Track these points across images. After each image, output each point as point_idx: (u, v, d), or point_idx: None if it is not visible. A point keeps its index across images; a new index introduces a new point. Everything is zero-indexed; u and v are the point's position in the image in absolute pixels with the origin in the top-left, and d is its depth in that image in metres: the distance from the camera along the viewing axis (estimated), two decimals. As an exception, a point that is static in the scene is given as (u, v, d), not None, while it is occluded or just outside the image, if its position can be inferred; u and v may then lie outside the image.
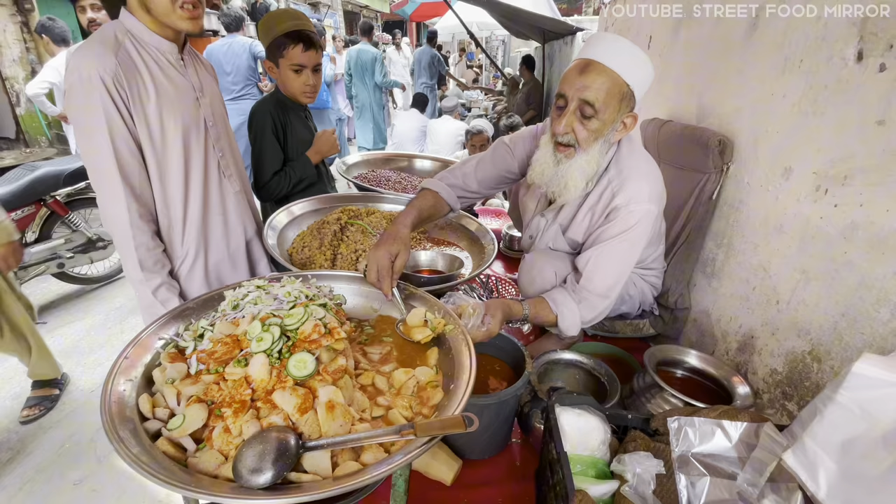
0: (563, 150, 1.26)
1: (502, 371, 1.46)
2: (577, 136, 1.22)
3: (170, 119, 1.20)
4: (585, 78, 1.17)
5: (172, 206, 1.27)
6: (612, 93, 1.17)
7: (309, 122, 1.93)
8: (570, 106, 1.20)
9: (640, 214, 1.26)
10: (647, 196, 1.26)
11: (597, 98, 1.16)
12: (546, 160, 1.30)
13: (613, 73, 1.15)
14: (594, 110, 1.17)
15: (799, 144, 1.17)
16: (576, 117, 1.20)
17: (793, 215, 1.18)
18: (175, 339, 0.94)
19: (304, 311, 0.82)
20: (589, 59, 1.18)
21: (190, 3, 1.12)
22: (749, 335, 1.36)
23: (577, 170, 1.25)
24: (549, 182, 1.31)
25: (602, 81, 1.16)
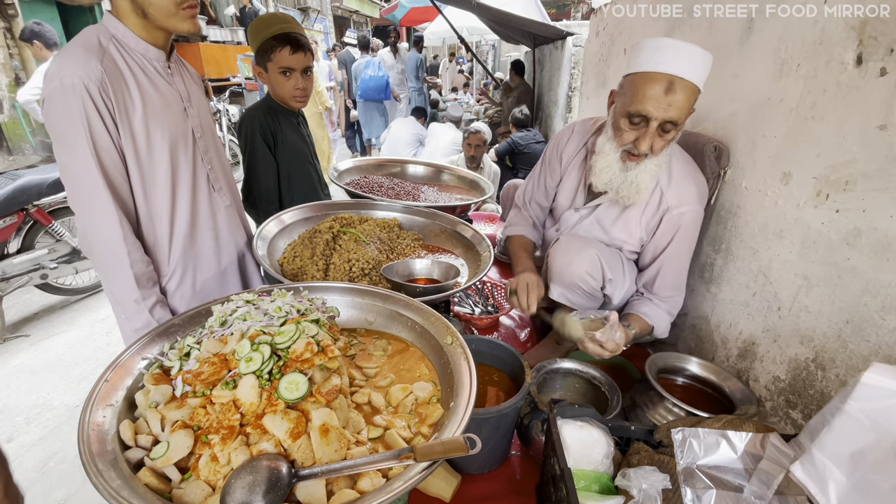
0: (633, 158, 1.27)
1: (500, 381, 1.43)
2: (653, 147, 1.23)
3: (157, 130, 1.14)
4: (671, 97, 1.16)
5: (158, 221, 1.21)
6: (691, 102, 1.19)
7: (302, 128, 1.89)
8: (652, 125, 1.20)
9: (691, 215, 1.35)
10: (696, 197, 1.35)
11: (681, 114, 1.18)
12: (612, 167, 1.31)
13: (692, 85, 1.16)
14: (675, 125, 1.20)
15: (798, 149, 1.15)
16: (657, 133, 1.22)
17: (793, 220, 1.17)
18: (160, 359, 0.89)
19: (295, 329, 0.78)
20: (671, 77, 1.15)
21: (194, 2, 1.08)
22: (750, 342, 1.34)
23: (648, 173, 1.28)
24: (618, 187, 1.32)
25: (686, 95, 1.16)
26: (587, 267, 1.38)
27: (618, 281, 1.43)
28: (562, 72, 5.12)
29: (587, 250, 1.39)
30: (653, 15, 2.00)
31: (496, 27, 6.61)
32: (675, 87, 1.15)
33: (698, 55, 1.17)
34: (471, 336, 1.48)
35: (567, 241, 1.47)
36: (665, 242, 1.40)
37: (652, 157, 1.26)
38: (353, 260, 1.41)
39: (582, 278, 1.40)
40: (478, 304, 2.13)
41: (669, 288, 1.45)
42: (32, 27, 3.67)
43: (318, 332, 0.80)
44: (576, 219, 1.56)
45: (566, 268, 1.42)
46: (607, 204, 1.47)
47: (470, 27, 8.45)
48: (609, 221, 1.48)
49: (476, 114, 8.42)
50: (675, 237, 1.38)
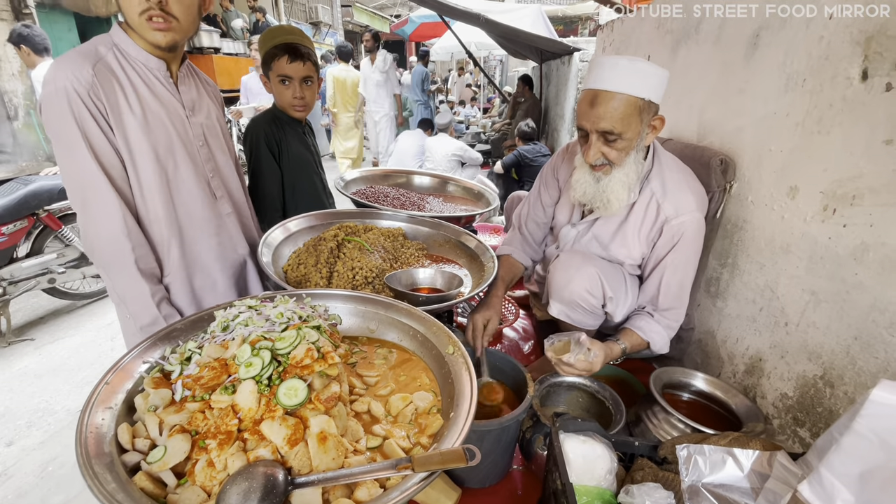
0: (599, 169, 1.32)
1: (502, 393, 1.41)
2: (608, 157, 1.28)
3: (153, 135, 1.16)
4: (597, 109, 1.22)
5: (156, 224, 1.22)
6: (628, 112, 1.20)
7: (307, 137, 1.91)
8: (591, 137, 1.27)
9: (692, 224, 1.32)
10: (694, 205, 1.33)
11: (613, 125, 1.21)
12: (586, 180, 1.36)
13: (622, 95, 1.19)
14: (616, 135, 1.23)
15: (804, 163, 1.15)
16: (601, 143, 1.26)
17: (800, 235, 1.16)
18: (160, 363, 0.89)
19: (296, 334, 0.78)
20: (595, 91, 1.23)
21: (157, 14, 1.07)
22: (757, 357, 1.32)
23: (618, 182, 1.31)
24: (592, 199, 1.36)
25: (614, 106, 1.20)
26: (587, 285, 1.38)
27: (619, 298, 1.42)
28: (569, 87, 5.16)
29: (587, 268, 1.39)
30: (658, 31, 2.02)
31: (504, 42, 6.70)
32: (597, 100, 1.22)
33: (625, 67, 1.19)
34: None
35: (567, 258, 1.46)
36: (665, 252, 1.37)
37: (618, 168, 1.29)
38: (356, 268, 1.41)
39: (581, 296, 1.40)
40: (481, 316, 2.12)
41: (672, 299, 1.41)
42: (20, 30, 3.40)
43: (319, 339, 0.80)
44: (573, 235, 1.56)
45: (566, 285, 1.42)
46: (604, 220, 1.46)
47: (478, 42, 8.57)
48: (607, 237, 1.47)
49: (483, 127, 8.48)
50: (675, 246, 1.35)
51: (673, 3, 1.86)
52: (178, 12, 1.12)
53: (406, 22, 10.39)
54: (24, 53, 3.48)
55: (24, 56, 3.51)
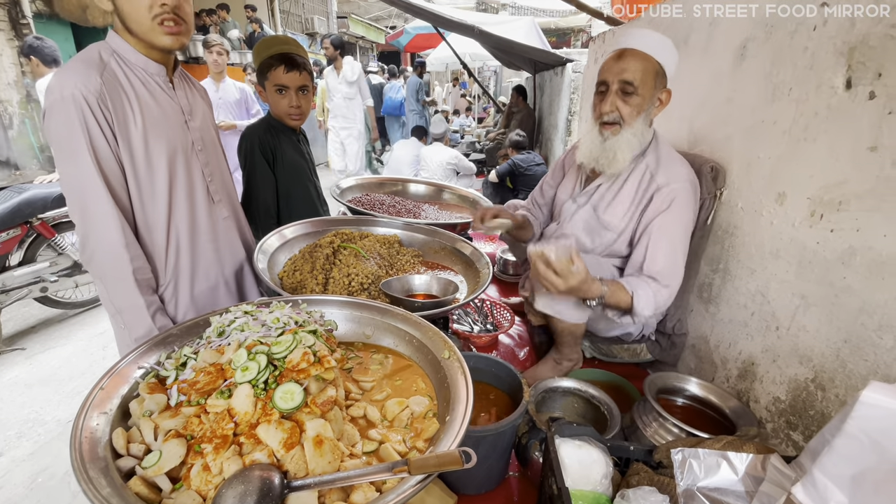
0: (608, 128, 1.39)
1: (498, 399, 1.41)
2: (621, 112, 1.36)
3: (155, 142, 1.17)
4: (622, 62, 1.35)
5: (155, 231, 1.23)
6: (648, 71, 1.33)
7: (302, 145, 1.92)
8: (612, 87, 1.37)
9: (683, 193, 1.36)
10: (685, 176, 1.39)
11: (635, 77, 1.33)
12: (593, 140, 1.43)
13: (645, 55, 1.33)
14: (634, 87, 1.33)
15: (791, 170, 1.17)
16: (618, 97, 1.36)
17: (788, 240, 1.18)
18: (156, 368, 0.89)
19: (292, 339, 0.79)
20: (622, 48, 1.37)
21: (170, 18, 1.09)
22: (749, 362, 1.33)
23: (625, 142, 1.38)
24: (598, 157, 1.43)
25: (637, 62, 1.33)
26: None
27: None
28: (562, 97, 5.22)
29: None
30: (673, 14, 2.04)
31: (498, 54, 6.78)
32: (624, 55, 1.35)
33: (651, 34, 1.36)
34: (468, 353, 1.47)
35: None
36: (653, 216, 1.39)
37: (626, 128, 1.37)
38: (352, 274, 1.41)
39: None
40: (477, 322, 2.12)
41: (660, 264, 1.37)
42: (32, 42, 3.59)
43: (315, 343, 0.80)
44: (573, 209, 1.60)
45: None
46: (603, 190, 1.51)
47: (472, 53, 8.68)
48: (602, 207, 1.51)
49: (477, 136, 8.55)
50: (664, 211, 1.37)
51: (673, 4, 1.90)
52: (186, 15, 1.15)
53: (401, 33, 10.51)
54: (34, 64, 3.61)
55: (34, 67, 3.64)
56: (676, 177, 1.38)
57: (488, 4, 19.60)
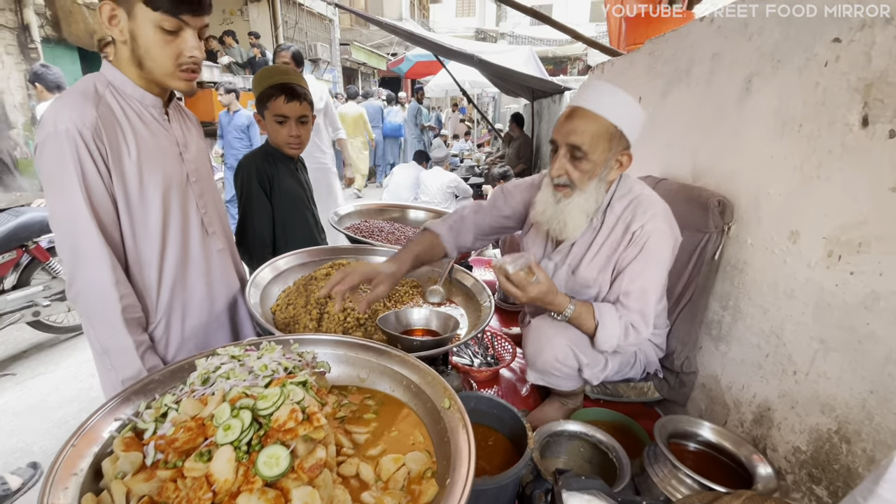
0: (560, 189, 1.33)
1: (499, 444, 1.33)
2: (570, 177, 1.29)
3: (149, 174, 1.13)
4: (571, 123, 1.26)
5: (147, 267, 1.18)
6: (599, 134, 1.24)
7: (300, 174, 1.90)
8: (560, 150, 1.29)
9: (654, 231, 1.29)
10: (661, 217, 1.31)
11: (583, 141, 1.24)
12: (547, 199, 1.36)
13: (597, 117, 1.23)
14: (583, 152, 1.25)
15: (805, 208, 1.14)
16: (567, 160, 1.28)
17: (804, 281, 1.13)
18: (134, 420, 0.83)
19: (280, 393, 0.73)
20: (574, 106, 1.28)
21: (192, 67, 1.11)
22: (765, 406, 1.27)
23: (576, 207, 1.31)
24: (550, 220, 1.36)
25: (586, 125, 1.23)
26: (557, 355, 1.37)
27: (594, 364, 1.41)
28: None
29: (556, 339, 1.37)
30: (649, 73, 2.06)
31: (497, 81, 6.89)
32: (574, 115, 1.26)
33: (608, 92, 1.25)
34: (469, 393, 1.41)
35: (537, 327, 1.44)
36: (628, 259, 1.32)
37: (578, 192, 1.30)
38: (348, 309, 1.36)
39: (553, 366, 1.39)
40: (477, 355, 2.05)
41: (632, 301, 1.32)
42: (37, 69, 3.77)
43: (305, 397, 0.74)
44: (552, 268, 1.53)
45: (537, 356, 1.42)
46: (577, 249, 1.43)
47: (471, 80, 8.84)
48: (579, 266, 1.43)
49: (476, 160, 8.63)
50: (638, 256, 1.30)
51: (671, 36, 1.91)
52: (202, 62, 1.15)
53: (402, 60, 10.72)
54: (39, 91, 3.82)
55: (39, 93, 3.85)
56: (650, 218, 1.30)
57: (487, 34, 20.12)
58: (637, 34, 2.53)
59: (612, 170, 1.31)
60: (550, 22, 3.32)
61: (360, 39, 17.24)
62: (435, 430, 0.90)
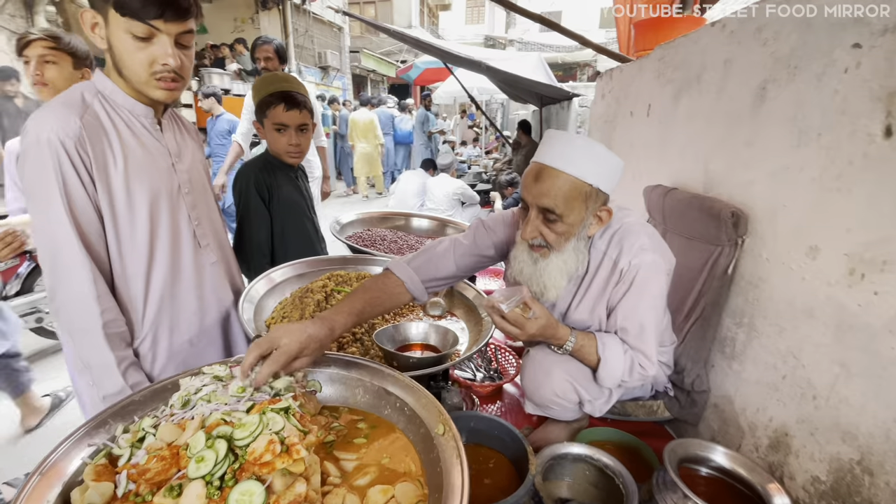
0: (537, 250, 1.21)
1: (500, 466, 1.28)
2: (546, 238, 1.17)
3: (137, 186, 1.10)
4: (541, 185, 1.12)
5: (133, 281, 1.14)
6: (573, 195, 1.11)
7: (300, 182, 1.87)
8: (531, 212, 1.17)
9: (645, 266, 1.18)
10: (648, 246, 1.19)
11: (555, 204, 1.12)
12: (524, 258, 1.24)
13: (569, 177, 1.10)
14: (556, 215, 1.13)
15: (824, 222, 1.07)
16: (541, 221, 1.16)
17: (824, 299, 1.06)
18: (108, 445, 0.79)
19: (258, 421, 0.68)
20: (542, 165, 1.13)
21: (168, 76, 1.06)
22: (783, 432, 1.19)
23: (555, 269, 1.21)
24: (528, 280, 1.24)
25: (558, 187, 1.11)
26: (556, 389, 1.31)
27: (596, 398, 1.34)
28: (568, 130, 5.22)
29: (555, 372, 1.30)
30: (659, 80, 2.00)
31: (505, 87, 6.86)
32: (542, 175, 1.12)
33: (580, 148, 1.10)
34: (469, 413, 1.35)
35: (535, 360, 1.36)
36: (619, 295, 1.23)
37: (555, 253, 1.19)
38: (344, 324, 1.31)
39: (552, 400, 1.34)
40: (480, 368, 1.99)
41: (632, 339, 1.24)
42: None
43: (285, 426, 0.69)
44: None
45: (536, 390, 1.36)
46: (565, 295, 1.32)
47: (480, 87, 8.82)
48: (564, 308, 1.34)
49: (484, 167, 8.60)
50: (629, 290, 1.20)
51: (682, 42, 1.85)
52: (186, 72, 1.11)
53: (411, 67, 10.74)
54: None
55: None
56: (637, 251, 1.19)
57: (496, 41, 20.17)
58: (646, 40, 2.48)
59: (591, 226, 1.19)
60: (559, 28, 3.27)
61: (370, 47, 17.38)
62: (428, 459, 0.85)
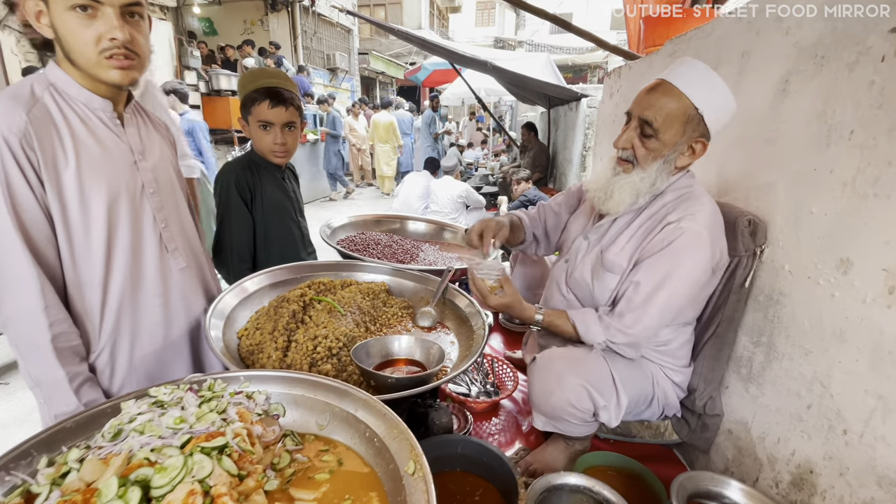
0: (622, 164, 1.25)
1: (487, 498, 1.16)
2: (636, 153, 1.21)
3: (92, 185, 1.00)
4: (650, 96, 1.17)
5: (88, 289, 1.05)
6: (675, 114, 1.14)
7: (287, 183, 1.77)
8: (631, 123, 1.22)
9: (689, 232, 1.15)
10: (702, 220, 1.16)
11: (656, 118, 1.15)
12: (605, 170, 1.29)
13: (680, 94, 1.14)
14: (653, 130, 1.16)
15: (858, 232, 0.94)
16: (636, 134, 1.20)
17: (857, 320, 0.93)
18: (27, 481, 0.68)
19: (182, 465, 0.57)
20: (660, 79, 1.18)
21: (120, 53, 0.96)
22: (807, 468, 1.06)
23: (629, 184, 1.23)
24: (597, 189, 1.30)
25: (665, 101, 1.15)
26: (570, 398, 1.20)
27: (611, 404, 1.22)
28: (576, 132, 5.08)
29: (568, 378, 1.20)
30: None
31: (512, 88, 6.75)
32: (657, 88, 1.17)
33: (701, 72, 1.14)
34: (456, 438, 1.23)
35: (545, 365, 1.27)
36: (651, 252, 1.20)
37: (637, 170, 1.22)
38: (319, 337, 1.20)
39: (566, 410, 1.22)
40: (475, 382, 1.87)
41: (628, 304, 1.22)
42: None
43: (213, 471, 0.59)
44: (584, 248, 1.42)
45: (547, 399, 1.24)
46: (611, 228, 1.35)
47: (488, 88, 8.73)
48: (608, 246, 1.33)
49: (491, 169, 8.49)
50: (663, 250, 1.18)
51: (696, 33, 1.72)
52: (140, 48, 1.01)
53: (419, 69, 10.69)
54: None
55: None
56: (691, 217, 1.17)
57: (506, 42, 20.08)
58: (656, 35, 2.35)
59: (681, 155, 1.20)
60: (572, 28, 3.16)
61: (380, 49, 17.39)
62: (395, 502, 0.74)
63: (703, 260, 1.16)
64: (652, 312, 1.19)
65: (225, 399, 0.85)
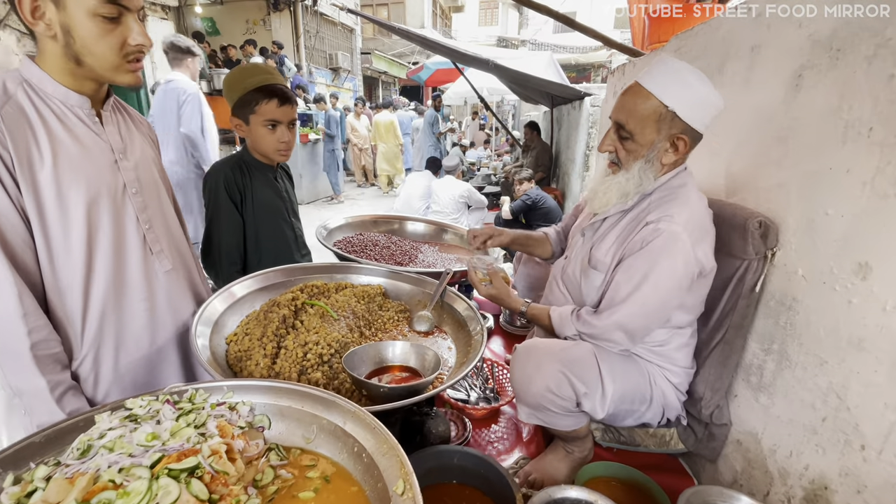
0: (611, 166, 1.30)
1: (485, 510, 1.11)
2: (618, 154, 1.25)
3: (70, 185, 0.96)
4: (623, 99, 1.20)
5: (68, 294, 1.01)
6: (645, 115, 1.16)
7: (279, 182, 1.72)
8: (611, 126, 1.26)
9: (665, 234, 1.14)
10: (681, 221, 1.15)
11: (628, 120, 1.18)
12: (600, 172, 1.36)
13: (648, 95, 1.15)
14: (627, 132, 1.20)
15: (878, 235, 0.88)
16: (616, 137, 1.24)
17: (877, 329, 0.87)
18: (-10, 501, 0.64)
19: (145, 490, 0.53)
20: (634, 82, 1.21)
21: (138, 56, 0.98)
22: (821, 484, 1.00)
23: (616, 185, 1.26)
24: (590, 190, 1.37)
25: (636, 103, 1.17)
26: (549, 384, 1.18)
27: (594, 392, 1.19)
28: (579, 131, 5.03)
29: (546, 364, 1.19)
30: None
31: (515, 87, 6.70)
32: (628, 91, 1.20)
33: (669, 69, 1.15)
34: (452, 448, 1.18)
35: (525, 353, 1.27)
36: (633, 251, 1.21)
37: (622, 171, 1.26)
38: (310, 343, 1.15)
39: (545, 397, 1.19)
40: (474, 387, 1.82)
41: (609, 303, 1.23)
42: None
43: (181, 496, 0.54)
44: (580, 242, 1.44)
45: (526, 386, 1.23)
46: (601, 225, 1.37)
47: (490, 87, 8.67)
48: (597, 244, 1.35)
49: (493, 169, 8.43)
50: (639, 251, 1.18)
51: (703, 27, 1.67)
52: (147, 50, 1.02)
53: (422, 68, 10.63)
54: None
55: None
56: (669, 218, 1.16)
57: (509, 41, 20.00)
58: (661, 31, 2.29)
59: (665, 153, 1.21)
60: (576, 25, 3.11)
61: (382, 48, 17.35)
62: (379, 514, 0.69)
63: (682, 262, 1.15)
64: (627, 311, 1.20)
65: (205, 412, 0.80)
